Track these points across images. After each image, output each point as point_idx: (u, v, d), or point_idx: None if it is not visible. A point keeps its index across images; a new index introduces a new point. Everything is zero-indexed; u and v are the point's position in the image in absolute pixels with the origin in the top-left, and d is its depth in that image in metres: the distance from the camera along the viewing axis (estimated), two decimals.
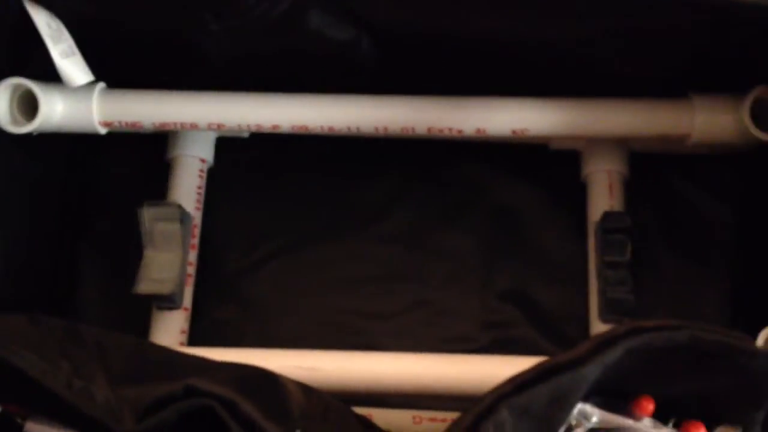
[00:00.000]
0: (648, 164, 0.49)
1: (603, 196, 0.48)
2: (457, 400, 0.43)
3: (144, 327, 0.48)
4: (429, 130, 0.45)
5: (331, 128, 0.45)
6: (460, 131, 0.44)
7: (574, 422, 0.32)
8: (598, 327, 0.46)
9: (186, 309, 0.48)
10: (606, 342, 0.30)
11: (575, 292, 0.48)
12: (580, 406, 0.32)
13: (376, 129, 0.45)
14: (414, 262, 0.50)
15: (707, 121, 0.43)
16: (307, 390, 0.36)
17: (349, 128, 0.45)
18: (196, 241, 0.49)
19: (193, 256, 0.49)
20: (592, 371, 0.30)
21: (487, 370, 0.42)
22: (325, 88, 0.45)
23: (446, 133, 0.44)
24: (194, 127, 0.46)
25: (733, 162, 0.49)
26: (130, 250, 0.48)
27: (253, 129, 0.46)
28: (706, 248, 0.49)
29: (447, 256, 0.50)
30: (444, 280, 0.50)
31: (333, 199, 0.51)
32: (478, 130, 0.44)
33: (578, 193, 0.49)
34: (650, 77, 0.44)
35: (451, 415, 0.44)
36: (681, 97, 0.44)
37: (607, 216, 0.46)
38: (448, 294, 0.49)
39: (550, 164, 0.50)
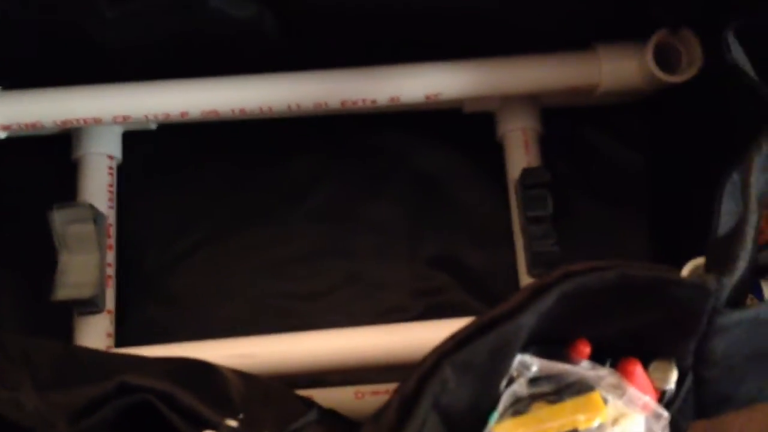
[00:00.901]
0: (560, 119, 0.50)
1: (520, 154, 0.48)
2: (397, 369, 0.43)
3: (67, 334, 0.46)
4: (342, 103, 0.44)
5: (242, 110, 0.44)
6: (374, 101, 0.44)
7: (515, 373, 0.33)
8: (527, 281, 0.46)
9: (110, 311, 0.46)
10: (539, 289, 0.30)
11: (502, 252, 0.49)
12: (519, 357, 0.32)
13: (289, 107, 0.44)
14: (341, 238, 0.50)
15: (614, 69, 0.44)
16: (245, 376, 0.35)
17: (261, 109, 0.44)
18: (112, 240, 0.48)
19: (110, 256, 0.47)
20: (528, 320, 0.30)
21: (423, 336, 0.41)
22: (233, 70, 0.44)
23: (360, 104, 0.44)
24: (98, 122, 0.44)
25: (641, 109, 0.50)
26: (44, 257, 0.46)
27: (161, 119, 0.45)
28: (623, 195, 0.50)
29: (373, 228, 0.50)
30: (372, 253, 0.50)
31: (251, 183, 0.50)
32: (392, 99, 0.44)
33: (495, 153, 0.50)
34: (554, 31, 0.44)
35: (393, 386, 0.44)
36: (587, 49, 0.44)
37: (526, 172, 0.46)
38: (378, 266, 0.49)
39: (466, 127, 0.51)
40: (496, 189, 0.50)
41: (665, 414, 0.33)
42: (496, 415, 0.32)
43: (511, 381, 0.32)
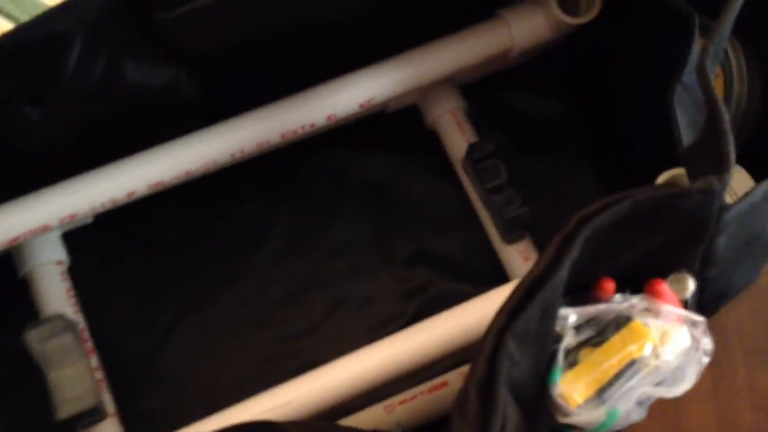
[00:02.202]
0: (477, 90, 0.52)
1: (456, 134, 0.49)
2: (416, 373, 0.43)
3: None
4: (283, 136, 0.44)
5: (188, 173, 0.43)
6: (312, 125, 0.44)
7: (558, 328, 0.33)
8: (506, 250, 0.48)
9: (112, 415, 0.44)
10: (566, 241, 0.31)
11: (471, 231, 0.50)
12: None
13: (233, 156, 0.44)
14: (312, 269, 0.49)
15: (523, 28, 0.45)
16: (298, 424, 0.35)
17: (205, 166, 0.43)
18: (90, 344, 0.46)
19: (94, 360, 0.45)
20: (564, 273, 0.31)
21: (440, 331, 0.42)
22: (166, 135, 0.43)
23: (300, 132, 0.44)
24: (47, 229, 0.42)
25: (551, 60, 0.52)
26: (27, 382, 0.44)
27: (108, 205, 0.43)
28: (557, 145, 0.52)
29: (340, 249, 0.50)
30: (349, 273, 0.49)
31: (208, 242, 0.49)
32: (329, 117, 0.44)
33: (431, 141, 0.51)
34: (457, 12, 0.46)
35: (417, 390, 0.45)
36: (493, 18, 0.46)
37: (472, 148, 0.47)
38: (358, 284, 0.49)
39: (394, 127, 0.51)
40: (443, 175, 0.51)
41: (700, 318, 0.35)
42: (558, 372, 0.33)
43: (557, 339, 0.33)
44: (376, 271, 0.50)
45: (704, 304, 0.42)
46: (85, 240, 0.48)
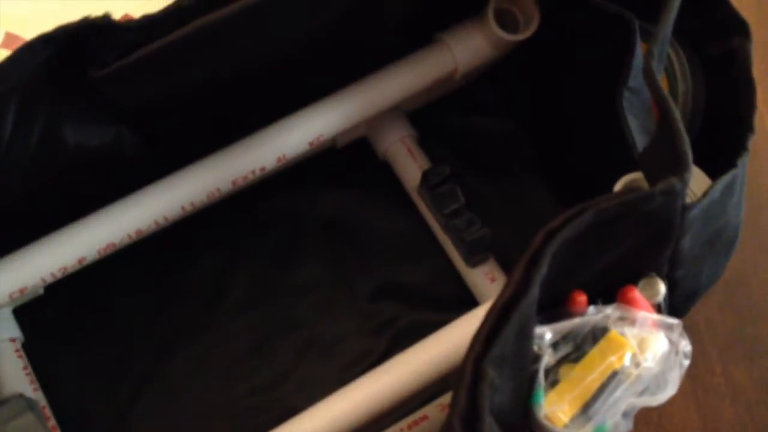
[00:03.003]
0: (425, 117, 0.51)
1: (409, 163, 0.49)
2: (394, 410, 0.42)
3: None
4: (233, 183, 0.43)
5: (138, 231, 0.42)
6: (263, 168, 0.43)
7: (536, 348, 0.33)
8: (471, 274, 0.47)
9: None
10: (533, 258, 0.30)
11: (433, 259, 0.49)
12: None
13: (183, 209, 0.42)
14: (276, 315, 0.48)
15: (464, 49, 0.45)
16: None
17: (156, 222, 0.42)
18: (52, 421, 0.44)
19: None
20: (536, 291, 0.30)
21: (410, 367, 0.41)
22: (115, 195, 0.41)
23: (251, 177, 0.43)
24: None
25: (496, 77, 0.52)
26: None
27: (59, 275, 0.42)
28: (511, 162, 0.52)
29: (304, 291, 0.49)
30: (313, 314, 0.48)
31: (166, 300, 0.48)
32: (279, 159, 0.43)
33: (384, 172, 0.50)
34: (396, 41, 0.45)
35: (396, 427, 0.43)
36: (433, 42, 0.46)
37: (426, 175, 0.47)
38: (325, 324, 0.48)
39: (346, 161, 0.51)
40: (400, 205, 0.50)
41: (676, 321, 0.34)
42: (541, 393, 0.32)
43: (536, 359, 0.33)
44: (341, 310, 0.48)
45: (675, 305, 0.42)
46: (37, 312, 0.46)
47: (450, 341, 0.41)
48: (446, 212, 0.46)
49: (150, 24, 0.35)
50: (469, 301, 0.47)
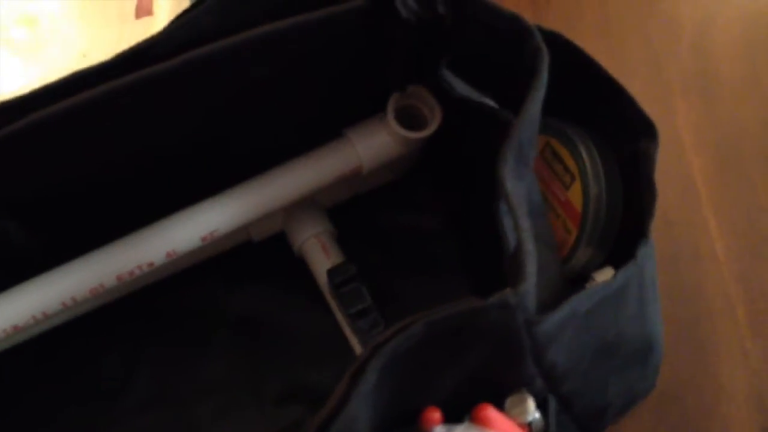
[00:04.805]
0: (351, 212, 0.50)
1: (321, 260, 0.47)
2: None
3: None
4: (118, 278, 0.42)
5: (15, 328, 0.41)
6: (151, 264, 0.42)
7: None
8: None
9: None
10: (356, 373, 0.28)
11: (344, 360, 0.47)
12: None
13: (64, 305, 0.41)
14: (179, 414, 0.46)
15: (368, 146, 0.44)
16: None
17: (34, 318, 0.41)
18: None
19: None
20: (357, 408, 0.28)
21: None
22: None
23: (138, 272, 0.42)
24: None
25: (426, 172, 0.51)
26: None
27: None
28: (434, 260, 0.50)
29: (209, 391, 0.47)
30: (217, 416, 0.46)
31: (64, 401, 0.46)
32: (169, 254, 0.42)
33: (301, 269, 0.49)
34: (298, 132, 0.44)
35: None
36: (339, 137, 0.45)
37: (331, 273, 0.45)
38: (227, 426, 0.46)
39: (262, 256, 0.49)
40: (315, 303, 0.48)
41: None
42: None
43: None
44: (246, 412, 0.46)
45: (581, 421, 0.39)
46: None
47: None
48: (351, 312, 0.45)
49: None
50: None
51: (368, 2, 0.33)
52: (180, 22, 0.35)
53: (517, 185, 0.31)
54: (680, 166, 0.52)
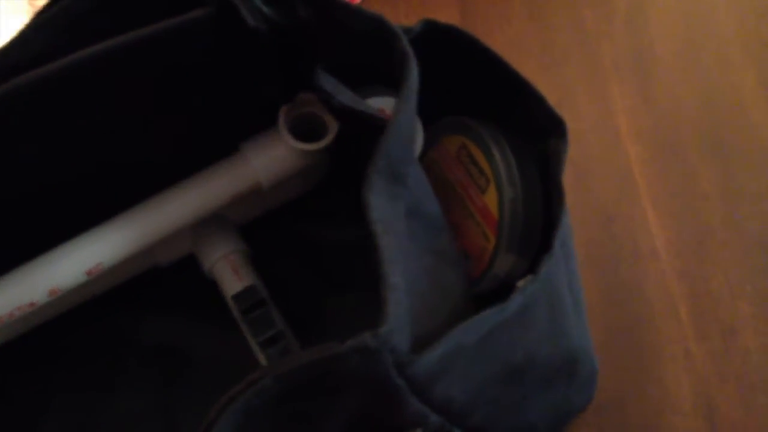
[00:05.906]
0: (270, 227, 0.47)
1: (233, 282, 0.44)
2: None
3: None
4: None
5: None
6: (32, 304, 0.39)
7: None
8: None
9: None
10: (206, 427, 0.25)
11: None
12: None
13: None
14: None
15: (264, 160, 0.41)
16: None
17: None
18: None
19: None
20: None
21: None
22: None
23: (18, 313, 0.39)
24: None
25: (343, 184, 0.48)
26: None
27: None
28: (362, 274, 0.47)
29: (120, 425, 0.44)
30: None
31: None
32: (52, 291, 0.39)
33: (214, 292, 0.46)
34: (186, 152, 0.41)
35: None
36: (234, 153, 0.42)
37: (237, 298, 0.42)
38: None
39: (173, 281, 0.46)
40: (230, 328, 0.45)
41: None
42: None
43: None
44: None
45: None
46: None
47: None
48: (260, 340, 0.42)
49: None
50: None
51: (213, 12, 0.30)
52: (18, 40, 0.31)
53: (387, 207, 0.28)
54: (617, 156, 0.49)
